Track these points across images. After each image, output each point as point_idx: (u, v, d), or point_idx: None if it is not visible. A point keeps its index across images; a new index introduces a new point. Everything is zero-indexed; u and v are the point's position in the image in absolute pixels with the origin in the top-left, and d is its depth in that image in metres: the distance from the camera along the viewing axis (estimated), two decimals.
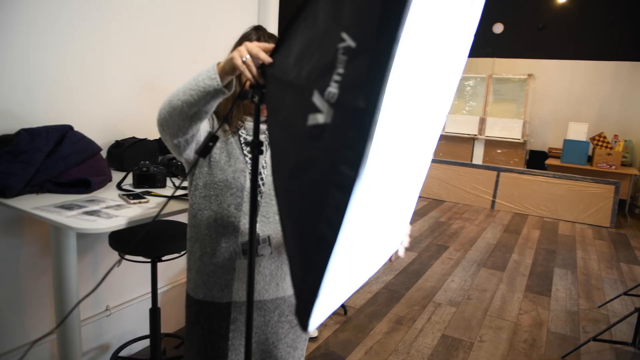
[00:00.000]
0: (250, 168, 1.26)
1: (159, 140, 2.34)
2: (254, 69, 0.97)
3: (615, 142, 6.57)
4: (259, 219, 1.26)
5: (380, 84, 0.59)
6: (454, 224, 5.50)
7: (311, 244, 0.70)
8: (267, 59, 0.95)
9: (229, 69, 1.03)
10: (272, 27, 3.09)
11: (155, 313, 2.11)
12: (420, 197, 6.85)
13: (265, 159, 1.30)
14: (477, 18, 0.89)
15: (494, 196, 6.41)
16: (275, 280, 1.31)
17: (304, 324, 0.72)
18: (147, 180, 1.83)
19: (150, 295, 2.45)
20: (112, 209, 1.51)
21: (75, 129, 1.88)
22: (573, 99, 7.43)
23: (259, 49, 0.97)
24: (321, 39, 0.72)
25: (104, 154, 2.14)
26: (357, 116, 0.62)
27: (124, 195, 1.68)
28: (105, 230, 1.33)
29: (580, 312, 3.33)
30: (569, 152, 6.53)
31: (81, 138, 1.86)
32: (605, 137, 6.58)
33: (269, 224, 1.27)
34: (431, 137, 0.97)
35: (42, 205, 1.49)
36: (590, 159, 6.60)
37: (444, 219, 5.71)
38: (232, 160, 1.26)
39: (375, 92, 0.60)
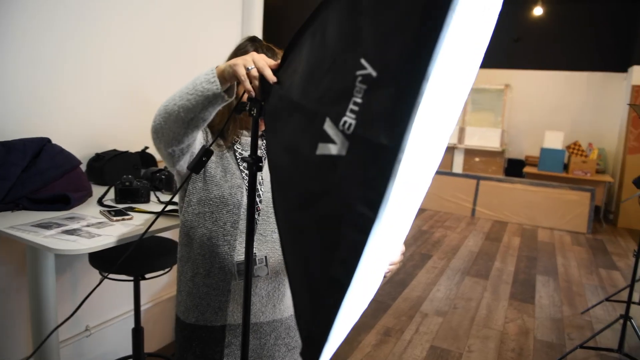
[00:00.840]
0: (247, 184, 1.20)
1: (142, 152, 2.27)
2: (256, 83, 0.91)
3: (590, 150, 6.73)
4: (256, 237, 1.19)
5: (407, 121, 0.55)
6: (437, 232, 5.52)
7: (322, 285, 0.65)
8: (271, 77, 0.90)
9: (228, 76, 0.97)
10: (257, 32, 3.06)
11: (138, 333, 2.02)
12: None
13: (262, 175, 1.23)
14: (488, 38, 0.86)
15: (474, 204, 6.47)
16: (272, 302, 1.24)
17: None
18: (130, 195, 1.76)
19: (132, 313, 2.35)
20: (94, 227, 1.43)
21: (54, 141, 1.80)
22: (548, 109, 7.59)
23: (266, 65, 0.92)
24: (334, 61, 0.68)
25: (83, 167, 2.05)
26: (378, 153, 0.58)
27: (105, 211, 1.60)
28: (86, 251, 1.25)
29: (564, 319, 3.36)
30: (545, 160, 6.65)
31: (60, 151, 1.78)
32: (580, 146, 6.73)
33: (266, 243, 1.20)
34: (437, 158, 0.93)
35: (17, 224, 1.41)
36: (566, 167, 6.74)
37: (426, 228, 5.73)
38: (228, 176, 1.19)
39: (401, 130, 0.55)
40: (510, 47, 7.76)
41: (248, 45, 1.25)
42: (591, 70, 7.20)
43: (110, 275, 1.92)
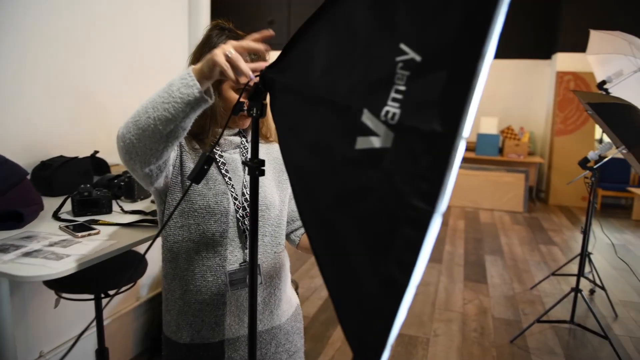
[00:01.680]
0: (232, 189, 1.13)
1: (92, 157, 2.09)
2: (242, 65, 0.83)
3: (522, 133, 7.14)
4: (247, 245, 1.12)
5: (464, 105, 0.52)
6: None
7: (376, 288, 0.61)
8: (258, 47, 0.84)
9: (207, 71, 0.86)
10: (205, 22, 2.92)
11: (102, 353, 1.87)
12: None
13: (246, 179, 1.16)
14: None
15: None
16: (269, 309, 1.19)
17: None
18: (90, 207, 1.61)
19: (91, 332, 2.18)
20: (58, 247, 1.29)
21: None
22: (483, 96, 7.92)
23: (249, 42, 0.85)
24: (365, 48, 0.63)
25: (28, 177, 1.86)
26: (432, 141, 0.55)
27: (66, 227, 1.45)
28: (60, 275, 1.12)
29: (516, 295, 3.54)
30: (482, 145, 6.97)
31: (3, 162, 1.59)
32: (512, 130, 7.11)
33: (259, 250, 1.14)
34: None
35: None
36: (501, 151, 7.10)
37: None
38: (211, 183, 1.11)
39: (457, 115, 0.52)
40: None
41: (214, 36, 1.11)
42: (519, 58, 7.61)
43: (69, 295, 1.76)
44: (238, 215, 1.11)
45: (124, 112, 2.56)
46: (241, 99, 0.89)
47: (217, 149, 1.16)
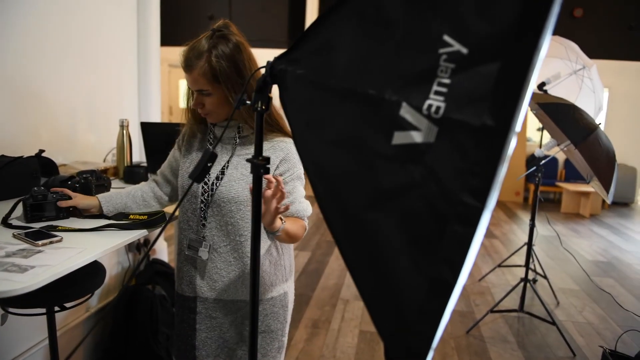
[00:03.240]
0: (209, 179, 1.29)
1: (38, 156, 1.91)
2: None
3: None
4: (204, 224, 1.31)
5: (517, 99, 0.51)
6: None
7: (422, 288, 0.59)
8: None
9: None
10: (155, 18, 2.78)
11: None
12: None
13: (225, 167, 1.29)
14: None
15: None
16: (234, 284, 1.32)
17: None
18: (44, 211, 1.46)
19: (42, 347, 2.00)
20: (19, 257, 1.15)
21: None
22: None
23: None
24: (401, 39, 0.61)
25: None
26: (482, 136, 0.54)
27: (20, 235, 1.31)
28: (32, 289, 1.00)
29: (467, 287, 3.68)
30: None
31: None
32: None
33: (211, 230, 1.30)
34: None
35: None
36: None
37: None
38: (192, 167, 1.16)
39: (510, 109, 0.52)
40: None
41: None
42: None
43: (19, 310, 1.60)
44: (202, 198, 1.29)
45: (69, 108, 2.38)
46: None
47: (211, 137, 1.33)
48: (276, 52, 0.79)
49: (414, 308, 0.60)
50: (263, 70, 0.80)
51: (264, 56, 0.92)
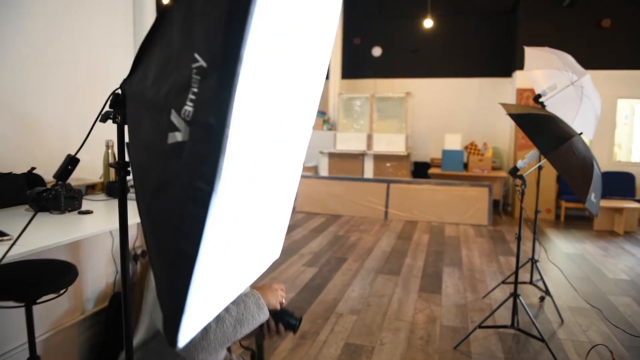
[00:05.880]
0: None
1: (28, 173, 2.15)
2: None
3: (485, 149, 7.33)
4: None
5: (228, 100, 0.63)
6: (352, 237, 5.71)
7: (174, 260, 0.70)
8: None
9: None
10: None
11: None
12: (317, 213, 7.01)
13: None
14: (333, 32, 0.95)
15: (386, 206, 6.77)
16: None
17: (172, 339, 0.71)
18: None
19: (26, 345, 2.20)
20: None
21: None
22: (446, 113, 8.19)
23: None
24: (177, 59, 0.74)
25: None
26: (209, 132, 0.65)
27: None
28: None
29: (467, 304, 3.62)
30: (447, 161, 7.14)
31: None
32: (476, 145, 7.30)
33: None
34: (298, 149, 1.01)
35: None
36: (465, 166, 7.27)
37: (342, 233, 5.90)
38: None
39: (224, 109, 0.64)
40: (409, 58, 8.28)
41: None
42: (481, 77, 7.87)
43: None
44: None
45: (62, 130, 2.62)
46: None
47: None
48: None
49: (172, 278, 0.71)
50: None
51: None
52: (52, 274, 1.78)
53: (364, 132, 7.77)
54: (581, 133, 2.57)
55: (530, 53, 3.55)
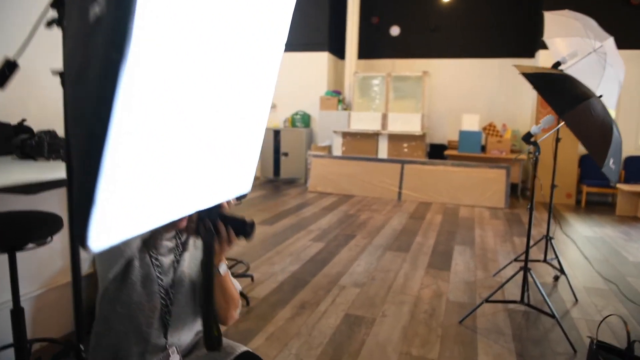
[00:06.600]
0: (162, 290, 1.26)
1: (18, 125, 2.10)
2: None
3: (504, 130, 7.10)
4: (169, 332, 1.27)
5: None
6: (362, 215, 5.60)
7: (86, 144, 0.62)
8: None
9: None
10: None
11: (17, 314, 1.86)
12: (330, 193, 6.91)
13: (173, 279, 1.29)
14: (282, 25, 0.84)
15: (400, 187, 6.63)
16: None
17: (81, 237, 0.62)
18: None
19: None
20: None
21: None
22: (465, 93, 7.95)
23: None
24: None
25: None
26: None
27: None
28: None
29: (477, 281, 3.49)
30: (464, 142, 6.93)
31: None
32: (495, 127, 7.07)
33: (179, 335, 1.28)
34: (262, 75, 0.90)
35: None
36: (483, 148, 7.06)
37: (352, 212, 5.79)
38: (148, 282, 1.23)
39: None
40: (428, 38, 8.05)
41: None
42: (502, 57, 7.60)
43: None
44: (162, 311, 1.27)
45: (56, 82, 2.56)
46: None
47: (154, 252, 1.26)
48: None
49: (83, 166, 0.63)
50: None
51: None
52: (36, 223, 1.74)
53: (379, 111, 7.61)
54: (601, 96, 2.40)
55: (550, 19, 3.36)
